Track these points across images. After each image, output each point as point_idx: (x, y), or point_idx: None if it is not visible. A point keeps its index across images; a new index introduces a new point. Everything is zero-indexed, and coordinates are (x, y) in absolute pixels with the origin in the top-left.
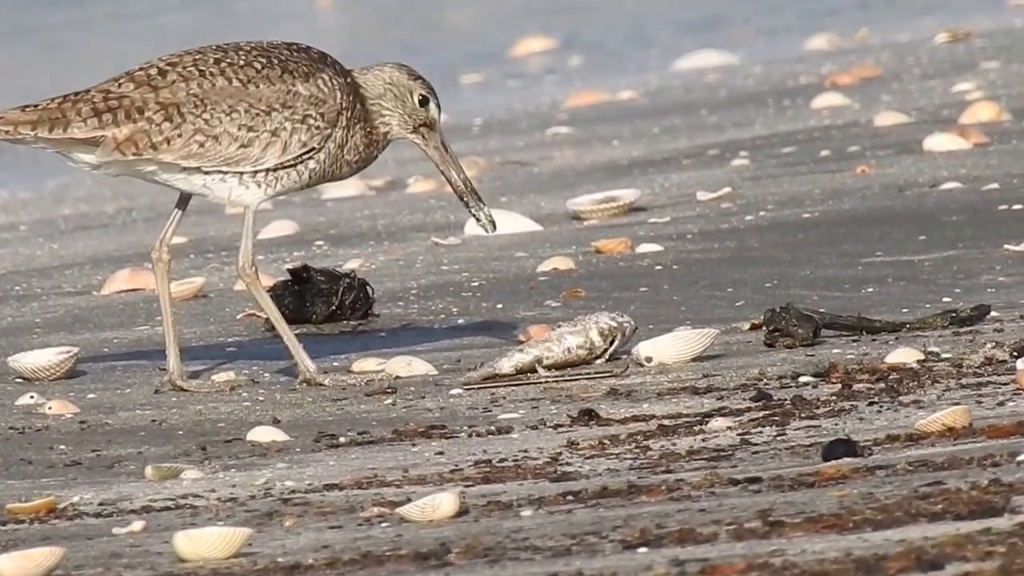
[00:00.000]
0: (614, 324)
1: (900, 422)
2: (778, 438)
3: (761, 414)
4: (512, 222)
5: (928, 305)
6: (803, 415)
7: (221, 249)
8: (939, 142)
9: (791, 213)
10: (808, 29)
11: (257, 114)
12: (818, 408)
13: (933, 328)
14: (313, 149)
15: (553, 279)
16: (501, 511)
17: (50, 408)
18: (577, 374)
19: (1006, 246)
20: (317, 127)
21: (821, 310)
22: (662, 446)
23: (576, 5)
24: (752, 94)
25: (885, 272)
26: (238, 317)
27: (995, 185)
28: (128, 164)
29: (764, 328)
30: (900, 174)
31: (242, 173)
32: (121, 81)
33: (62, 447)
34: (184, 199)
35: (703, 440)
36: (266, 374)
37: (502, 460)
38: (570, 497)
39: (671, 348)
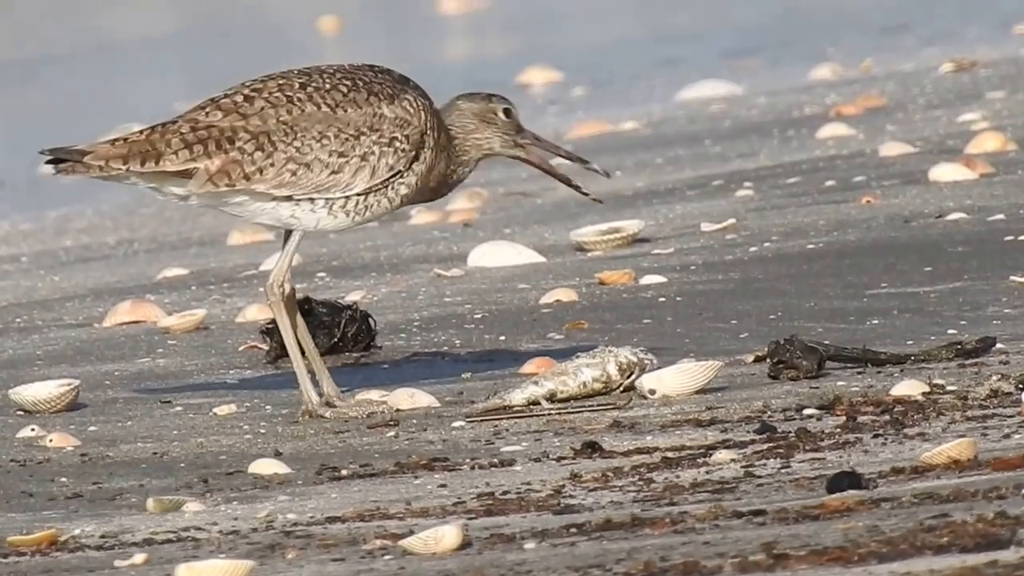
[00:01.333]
0: (634, 359)
1: (905, 454)
2: (782, 470)
3: (765, 446)
4: (515, 254)
5: (933, 337)
6: (807, 447)
7: (223, 281)
8: (944, 172)
9: (796, 244)
10: (812, 59)
11: (347, 139)
12: (823, 440)
13: (938, 360)
14: (399, 172)
15: (556, 311)
16: (504, 544)
17: (51, 440)
18: (580, 406)
19: (1012, 277)
20: (403, 149)
21: (826, 342)
22: (666, 479)
23: (580, 36)
24: (756, 124)
25: (890, 304)
26: (240, 349)
27: (1001, 216)
28: (219, 195)
29: (768, 360)
30: (905, 205)
31: (332, 202)
32: (208, 110)
33: (63, 479)
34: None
35: (707, 472)
36: (268, 406)
37: (505, 492)
38: (574, 530)
39: (675, 380)
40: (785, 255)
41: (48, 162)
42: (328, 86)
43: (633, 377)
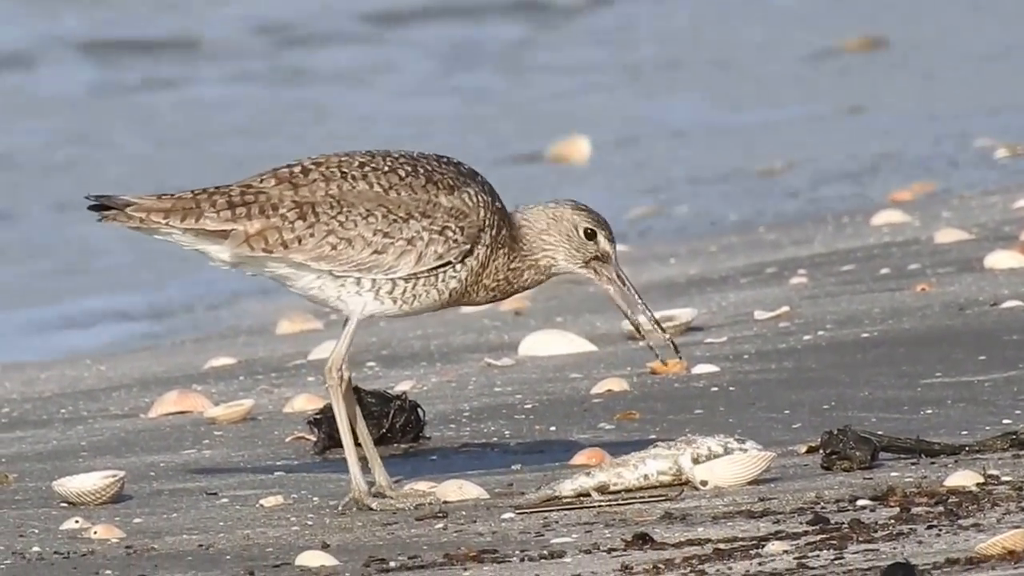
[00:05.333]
0: (719, 450)
1: (960, 546)
2: (836, 562)
3: (818, 538)
4: (566, 343)
5: (988, 427)
6: (861, 539)
7: (271, 371)
8: (1000, 259)
9: (850, 333)
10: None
11: (394, 220)
12: (876, 532)
13: (993, 450)
14: (449, 264)
15: (607, 401)
16: None
17: (96, 533)
18: (631, 498)
19: None
20: (455, 240)
21: (879, 432)
22: (718, 570)
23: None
24: (811, 211)
25: (944, 394)
26: (287, 440)
27: None
28: (258, 261)
29: (821, 451)
30: (961, 292)
31: (378, 286)
32: (264, 177)
33: (108, 572)
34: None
35: (759, 564)
36: (315, 498)
37: None
38: None
39: (727, 471)
40: (839, 344)
41: (91, 208)
42: (387, 168)
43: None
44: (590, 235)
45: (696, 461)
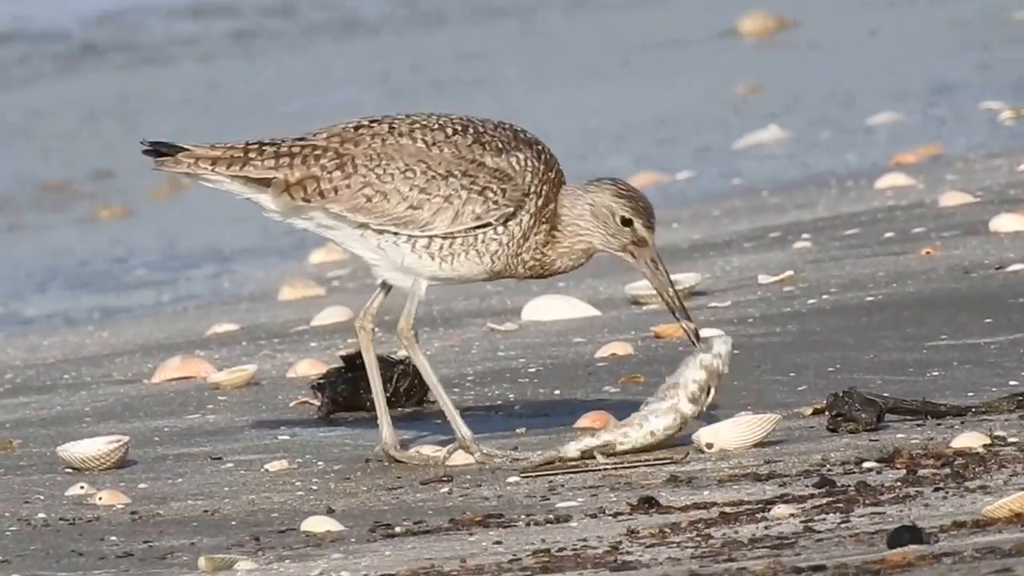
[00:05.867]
0: (702, 376)
1: (966, 508)
2: (842, 525)
3: (825, 501)
4: (570, 307)
5: (994, 389)
6: (867, 501)
7: (273, 336)
8: (1005, 222)
9: (854, 296)
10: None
11: (433, 177)
12: (883, 494)
13: (999, 412)
14: (488, 225)
15: (611, 365)
16: None
17: (100, 498)
18: (636, 461)
19: None
20: (495, 202)
21: (885, 394)
22: (724, 534)
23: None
24: (814, 175)
25: (950, 355)
26: (291, 404)
27: None
28: (301, 211)
29: (827, 413)
30: (966, 256)
31: (414, 240)
32: (319, 132)
33: (113, 538)
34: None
35: (766, 527)
36: (320, 462)
37: (561, 549)
38: None
39: (732, 434)
40: (843, 307)
41: (146, 152)
42: (435, 127)
43: (712, 391)
44: (627, 222)
45: (694, 400)
